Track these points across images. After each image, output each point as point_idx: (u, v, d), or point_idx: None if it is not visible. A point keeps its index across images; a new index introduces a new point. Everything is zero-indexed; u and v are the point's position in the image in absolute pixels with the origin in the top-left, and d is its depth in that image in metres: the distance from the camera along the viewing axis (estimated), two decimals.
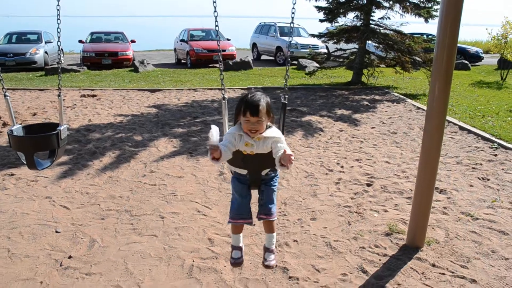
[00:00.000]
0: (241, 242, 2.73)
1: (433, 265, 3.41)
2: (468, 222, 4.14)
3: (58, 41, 3.40)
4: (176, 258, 3.48)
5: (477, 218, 4.20)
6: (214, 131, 2.42)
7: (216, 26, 2.92)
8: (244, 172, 2.55)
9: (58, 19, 3.27)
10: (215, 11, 2.89)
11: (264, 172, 2.55)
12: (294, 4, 2.91)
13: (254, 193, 2.70)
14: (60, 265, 3.36)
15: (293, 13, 2.91)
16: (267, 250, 2.70)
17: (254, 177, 2.55)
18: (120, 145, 6.44)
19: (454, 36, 3.27)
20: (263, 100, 2.36)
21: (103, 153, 6.08)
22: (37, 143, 3.26)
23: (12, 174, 5.22)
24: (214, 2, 2.89)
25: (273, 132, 2.44)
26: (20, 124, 3.43)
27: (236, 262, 2.71)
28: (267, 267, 2.69)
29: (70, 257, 3.47)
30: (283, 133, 2.58)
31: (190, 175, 5.33)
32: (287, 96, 2.85)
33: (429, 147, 3.51)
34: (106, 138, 6.77)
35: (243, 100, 2.39)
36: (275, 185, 2.60)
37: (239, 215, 2.56)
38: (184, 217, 4.21)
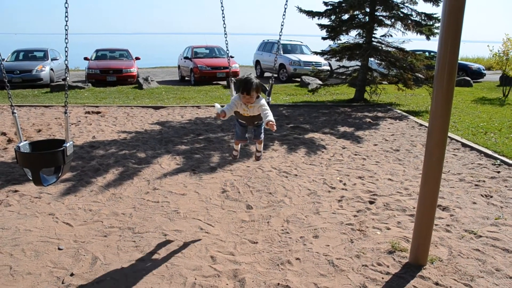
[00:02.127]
0: (239, 148, 4.44)
1: (437, 284, 3.39)
2: (472, 240, 4.12)
3: (66, 59, 3.46)
4: (178, 276, 3.48)
5: (480, 236, 4.19)
6: (217, 105, 3.91)
7: (226, 43, 4.24)
8: (243, 122, 3.98)
9: (66, 38, 3.34)
10: (225, 32, 4.10)
11: (255, 122, 3.95)
12: (283, 19, 4.05)
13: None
14: (62, 283, 3.35)
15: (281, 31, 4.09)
16: (258, 151, 4.41)
17: (249, 124, 4.00)
18: (124, 162, 6.48)
19: (455, 54, 3.31)
20: (254, 84, 3.56)
21: (107, 170, 6.11)
22: (44, 159, 3.30)
23: (16, 191, 5.25)
24: (223, 21, 4.07)
25: (260, 101, 3.67)
26: (26, 140, 3.47)
27: (235, 158, 4.51)
28: (258, 159, 4.50)
29: (72, 274, 3.47)
30: (269, 96, 4.03)
31: (193, 192, 5.34)
32: (273, 78, 4.33)
33: (431, 164, 3.53)
34: (109, 155, 6.81)
35: (241, 82, 3.59)
36: (262, 127, 4.01)
37: (240, 138, 4.09)
38: (187, 235, 4.21)
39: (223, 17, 4.15)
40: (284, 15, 4.01)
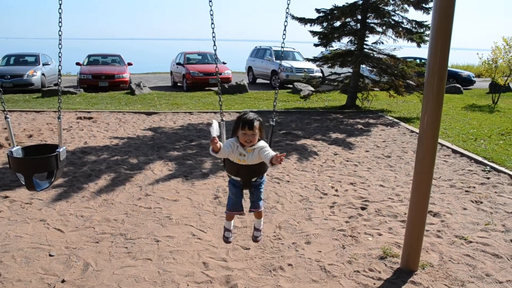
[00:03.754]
0: (232, 226, 3.53)
1: None
2: (462, 245, 4.16)
3: (59, 65, 3.46)
4: (171, 282, 3.47)
5: (470, 241, 4.23)
6: (215, 125, 3.06)
7: (215, 49, 3.40)
8: (238, 179, 3.16)
9: (59, 43, 3.34)
10: (213, 37, 3.32)
11: (253, 179, 3.17)
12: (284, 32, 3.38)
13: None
14: None
15: (282, 44, 3.42)
16: (256, 229, 3.52)
17: (246, 183, 3.17)
18: (116, 168, 6.45)
19: (445, 61, 3.36)
20: (257, 119, 3.01)
21: (99, 176, 6.08)
22: (37, 164, 3.28)
23: (6, 197, 5.21)
24: (212, 27, 3.28)
25: (260, 143, 3.04)
26: (18, 146, 3.45)
27: (228, 241, 3.52)
28: (256, 241, 3.58)
29: (63, 281, 3.45)
30: (270, 141, 3.24)
31: (185, 198, 5.34)
32: (275, 119, 3.40)
33: (421, 170, 3.57)
34: (101, 161, 6.78)
35: (241, 118, 3.01)
36: (262, 188, 3.28)
37: (234, 209, 3.27)
38: (179, 241, 4.20)
39: (212, 23, 3.32)
40: (285, 25, 3.35)
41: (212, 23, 3.27)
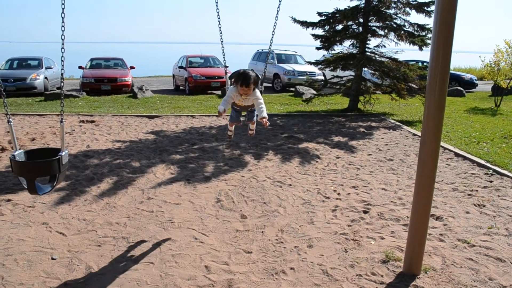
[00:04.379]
0: (233, 128, 4.78)
1: None
2: (465, 249, 4.14)
3: (62, 69, 3.47)
4: (173, 286, 3.47)
5: (473, 245, 4.21)
6: (221, 107, 4.01)
7: (223, 49, 4.65)
8: (238, 108, 4.28)
9: (62, 47, 3.35)
10: (221, 40, 4.51)
11: (249, 109, 4.29)
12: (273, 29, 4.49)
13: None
14: None
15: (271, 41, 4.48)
16: (250, 129, 4.81)
17: (244, 110, 4.31)
18: (118, 171, 6.46)
19: (446, 64, 3.36)
20: (252, 77, 3.89)
21: (101, 179, 6.09)
22: (39, 168, 3.30)
23: (9, 200, 5.22)
24: (220, 31, 4.47)
25: (256, 93, 4.04)
26: (21, 149, 3.47)
27: (229, 136, 4.84)
28: (252, 134, 4.88)
29: (65, 284, 3.45)
30: (261, 84, 4.26)
31: (188, 202, 5.34)
32: (264, 74, 4.67)
33: (423, 173, 3.56)
34: (104, 164, 6.79)
35: (239, 76, 3.92)
36: (254, 111, 4.28)
37: (234, 120, 4.43)
38: (181, 244, 4.20)
39: (220, 27, 4.49)
40: (275, 25, 4.50)
41: (219, 25, 4.39)
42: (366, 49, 12.58)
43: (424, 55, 13.19)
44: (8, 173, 6.13)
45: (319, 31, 12.80)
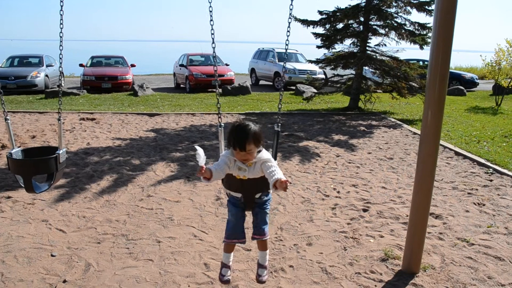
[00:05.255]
0: (231, 261, 2.95)
1: None
2: (464, 248, 4.14)
3: (60, 66, 3.47)
4: (172, 283, 3.47)
5: (473, 244, 4.21)
6: (200, 152, 2.59)
7: (214, 50, 3.22)
8: (238, 195, 2.78)
9: (60, 45, 3.36)
10: (213, 42, 3.16)
11: (257, 196, 2.78)
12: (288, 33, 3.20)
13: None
14: None
15: (286, 44, 3.25)
16: (261, 266, 2.95)
17: (248, 200, 2.78)
18: (118, 169, 6.47)
19: (446, 63, 3.35)
20: (250, 134, 2.53)
21: (101, 176, 6.10)
22: (36, 166, 3.29)
23: (9, 197, 5.23)
24: (212, 33, 3.14)
25: (262, 154, 2.63)
26: (19, 147, 3.47)
27: (225, 280, 2.91)
28: (261, 282, 2.96)
29: (64, 281, 3.46)
30: (275, 159, 2.84)
31: (187, 199, 5.34)
32: (280, 124, 3.17)
33: (423, 172, 3.56)
34: (104, 162, 6.80)
35: (232, 133, 2.59)
36: (267, 208, 2.82)
37: (234, 235, 2.79)
38: (181, 242, 4.20)
39: (212, 26, 3.22)
40: (288, 30, 3.20)
41: (211, 20, 3.12)
42: (367, 48, 12.57)
43: (425, 54, 13.18)
44: (8, 170, 6.13)
45: (320, 30, 12.81)
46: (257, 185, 2.69)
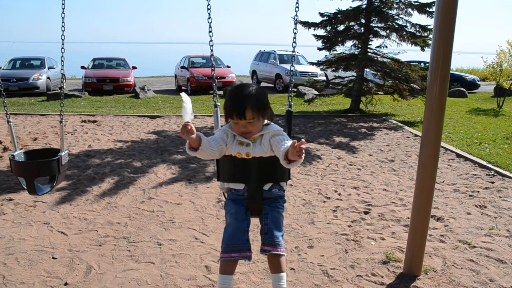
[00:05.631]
0: (231, 284, 2.09)
1: None
2: (466, 250, 4.13)
3: (62, 69, 3.48)
4: (173, 286, 3.47)
5: (474, 246, 4.20)
6: (187, 103, 1.86)
7: (212, 48, 2.97)
8: (240, 186, 2.09)
9: (62, 47, 3.37)
10: (210, 40, 2.84)
11: (266, 187, 2.09)
12: (295, 35, 2.83)
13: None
14: None
15: (294, 47, 2.89)
16: (277, 281, 2.13)
17: (254, 193, 2.07)
18: (119, 171, 6.47)
19: (447, 65, 3.35)
20: (251, 96, 1.96)
21: (102, 179, 6.10)
22: (38, 168, 3.30)
23: (10, 199, 5.23)
24: (210, 32, 2.87)
25: (271, 127, 2.04)
26: (21, 149, 3.47)
27: None
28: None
29: (66, 284, 3.46)
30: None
31: (189, 202, 5.34)
32: (292, 104, 2.74)
33: (424, 174, 3.55)
34: (105, 164, 6.80)
35: (227, 99, 2.01)
36: (281, 208, 2.11)
37: (234, 245, 2.04)
38: (182, 244, 4.20)
39: (210, 28, 2.96)
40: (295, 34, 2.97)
41: (209, 18, 2.76)
42: (368, 50, 12.58)
43: (426, 55, 13.19)
44: (10, 172, 6.13)
45: (321, 32, 12.83)
46: (266, 170, 2.06)
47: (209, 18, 2.74)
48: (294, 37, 2.81)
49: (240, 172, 2.06)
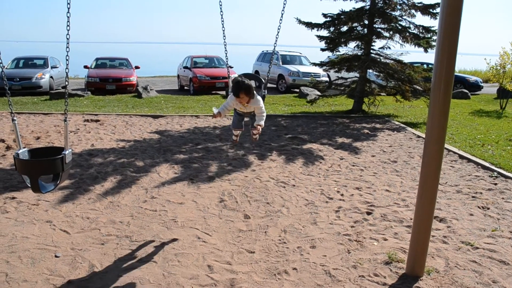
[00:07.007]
0: (238, 134, 4.57)
1: None
2: (468, 251, 4.13)
3: (67, 68, 3.49)
4: (175, 285, 3.48)
5: (477, 248, 4.20)
6: (214, 108, 4.04)
7: (226, 52, 4.54)
8: (240, 112, 4.21)
9: (67, 47, 3.37)
10: (224, 42, 4.45)
11: (252, 114, 4.16)
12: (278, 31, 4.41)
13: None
14: None
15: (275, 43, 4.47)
16: (254, 134, 4.31)
17: (246, 115, 4.24)
18: (122, 170, 6.49)
19: (451, 67, 3.35)
20: (242, 87, 3.78)
21: (105, 178, 6.12)
22: (43, 167, 3.31)
23: (13, 198, 5.25)
24: (223, 32, 4.42)
25: (254, 102, 3.93)
26: (25, 148, 3.48)
27: (234, 141, 4.66)
28: (255, 140, 4.41)
29: (68, 282, 3.47)
30: (265, 89, 4.38)
31: (191, 201, 5.35)
32: (267, 86, 4.50)
33: (427, 175, 3.55)
34: (108, 163, 6.82)
35: (232, 86, 3.89)
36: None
37: (236, 126, 4.35)
38: (184, 244, 4.21)
39: (223, 28, 4.42)
40: (279, 28, 4.39)
41: (223, 20, 4.32)
42: (371, 51, 12.56)
43: (429, 57, 13.17)
44: (13, 171, 6.17)
45: (324, 33, 12.81)
46: (250, 112, 4.10)
47: (223, 27, 4.41)
48: (277, 35, 4.43)
49: (240, 115, 4.26)
